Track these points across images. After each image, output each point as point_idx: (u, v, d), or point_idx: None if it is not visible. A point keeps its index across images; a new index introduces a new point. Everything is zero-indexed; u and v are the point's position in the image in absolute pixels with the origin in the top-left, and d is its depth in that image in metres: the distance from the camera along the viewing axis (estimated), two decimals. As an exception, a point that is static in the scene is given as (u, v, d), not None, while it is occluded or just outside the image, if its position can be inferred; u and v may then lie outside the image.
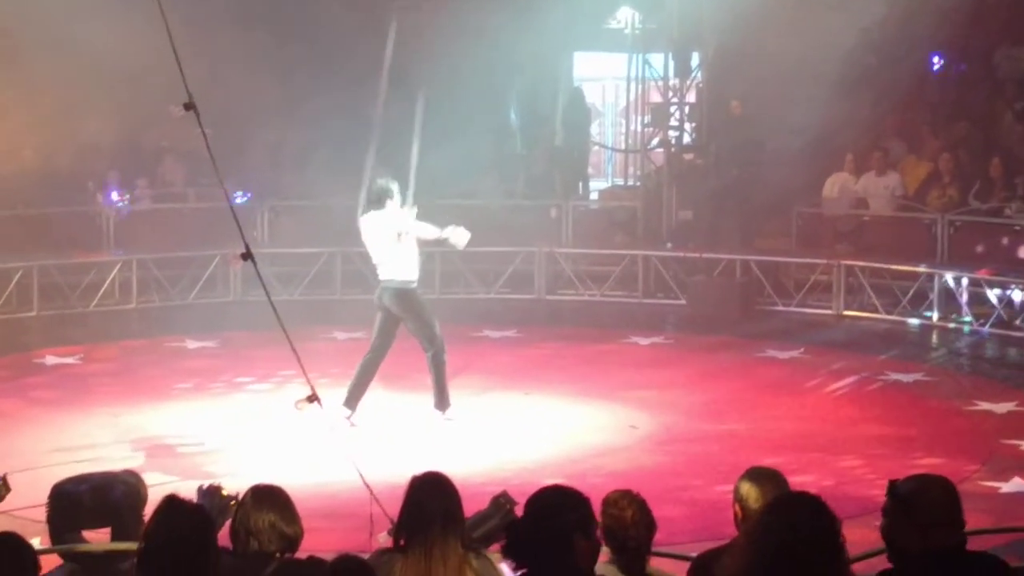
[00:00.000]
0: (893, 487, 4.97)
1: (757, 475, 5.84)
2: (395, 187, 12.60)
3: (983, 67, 20.28)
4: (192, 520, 4.78)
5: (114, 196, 19.04)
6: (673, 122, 19.95)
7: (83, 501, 5.54)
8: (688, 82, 19.97)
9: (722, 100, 20.06)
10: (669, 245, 19.27)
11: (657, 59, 19.96)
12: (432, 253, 19.00)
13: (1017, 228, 17.55)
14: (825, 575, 4.34)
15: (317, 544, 5.73)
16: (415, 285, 12.63)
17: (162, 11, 7.19)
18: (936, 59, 20.84)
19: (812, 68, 19.46)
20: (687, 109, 20.02)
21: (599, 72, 26.69)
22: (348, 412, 12.36)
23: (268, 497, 5.51)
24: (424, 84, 13.08)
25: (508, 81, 23.40)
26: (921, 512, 4.84)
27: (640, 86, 20.27)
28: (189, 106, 7.55)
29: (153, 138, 19.94)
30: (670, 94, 19.86)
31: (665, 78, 19.88)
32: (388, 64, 15.16)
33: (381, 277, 12.63)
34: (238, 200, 18.61)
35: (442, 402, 12.64)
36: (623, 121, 25.48)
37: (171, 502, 4.78)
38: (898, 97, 20.36)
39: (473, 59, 20.18)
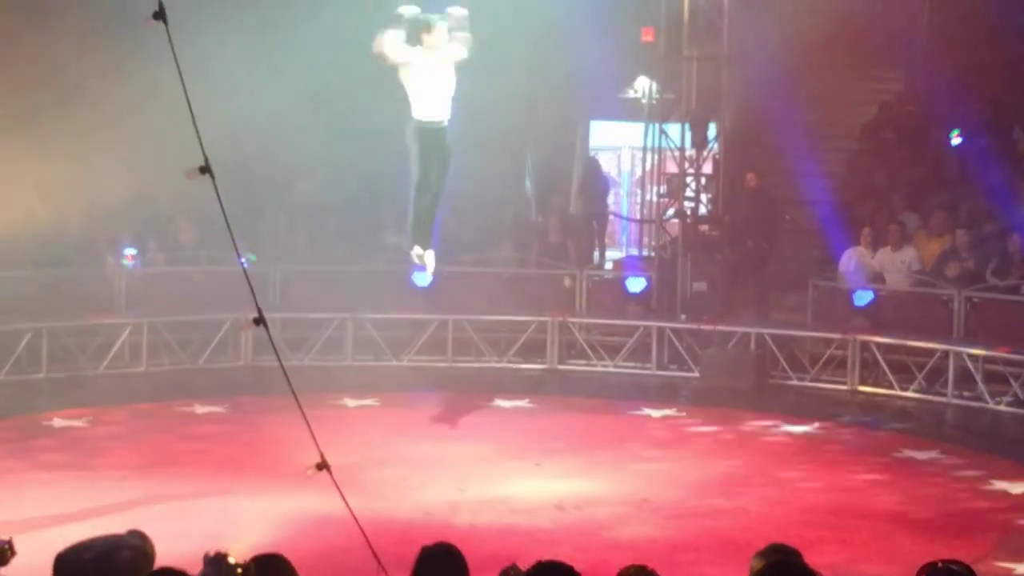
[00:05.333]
0: None
1: (774, 553, 5.72)
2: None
3: (1003, 143, 20.24)
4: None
5: (126, 258, 18.98)
6: (689, 193, 19.90)
7: (87, 571, 5.41)
8: (704, 153, 19.93)
9: (738, 172, 20.03)
10: (683, 316, 19.17)
11: (674, 129, 19.94)
12: (445, 321, 18.97)
13: (1035, 305, 17.45)
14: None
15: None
16: (417, 123, 12.54)
17: (180, 74, 7.13)
18: (955, 134, 20.82)
19: (830, 141, 19.46)
20: (703, 180, 19.98)
21: (615, 141, 26.72)
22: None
23: (272, 567, 5.40)
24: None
25: (524, 149, 23.45)
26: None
27: (656, 156, 20.24)
28: (204, 169, 7.48)
29: (167, 200, 19.92)
30: (686, 164, 19.83)
31: (681, 148, 19.85)
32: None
33: None
34: (248, 263, 18.57)
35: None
36: (639, 191, 25.46)
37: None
38: (916, 171, 20.33)
39: (490, 126, 20.19)
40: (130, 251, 18.99)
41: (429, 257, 13.01)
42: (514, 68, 22.64)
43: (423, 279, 19.28)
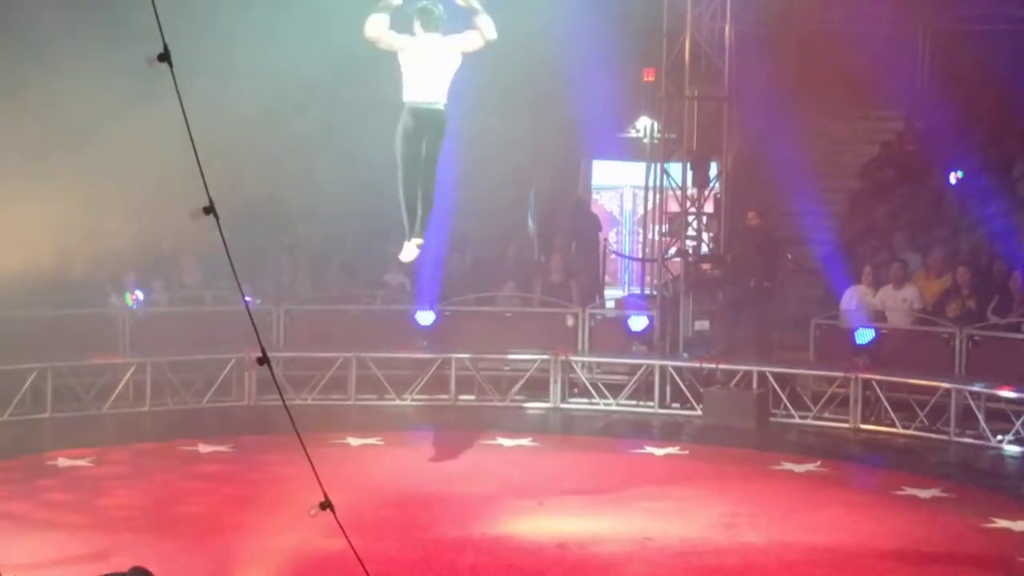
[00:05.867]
0: None
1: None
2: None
3: (1003, 181, 20.32)
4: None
5: (129, 297, 19.04)
6: (691, 231, 19.96)
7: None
8: (706, 192, 20.00)
9: (740, 211, 20.09)
10: (685, 355, 19.21)
11: (675, 168, 20.01)
12: (448, 360, 19.02)
13: (1036, 343, 17.49)
14: None
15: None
16: (407, 106, 11.98)
17: (184, 115, 7.19)
18: (955, 173, 20.90)
19: (831, 181, 19.53)
20: (705, 219, 20.04)
21: (617, 180, 26.80)
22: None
23: None
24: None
25: (526, 187, 23.53)
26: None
27: (658, 195, 20.31)
28: (209, 210, 7.53)
29: (171, 239, 19.99)
30: (688, 203, 19.89)
31: (683, 187, 19.91)
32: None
33: None
34: (252, 303, 18.64)
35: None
36: (640, 230, 25.52)
37: None
38: (916, 210, 20.40)
39: (492, 164, 20.29)
40: (135, 291, 19.04)
41: (409, 247, 12.46)
42: (517, 107, 22.77)
43: (426, 318, 19.36)
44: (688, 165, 19.87)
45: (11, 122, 17.11)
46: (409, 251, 12.24)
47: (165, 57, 7.07)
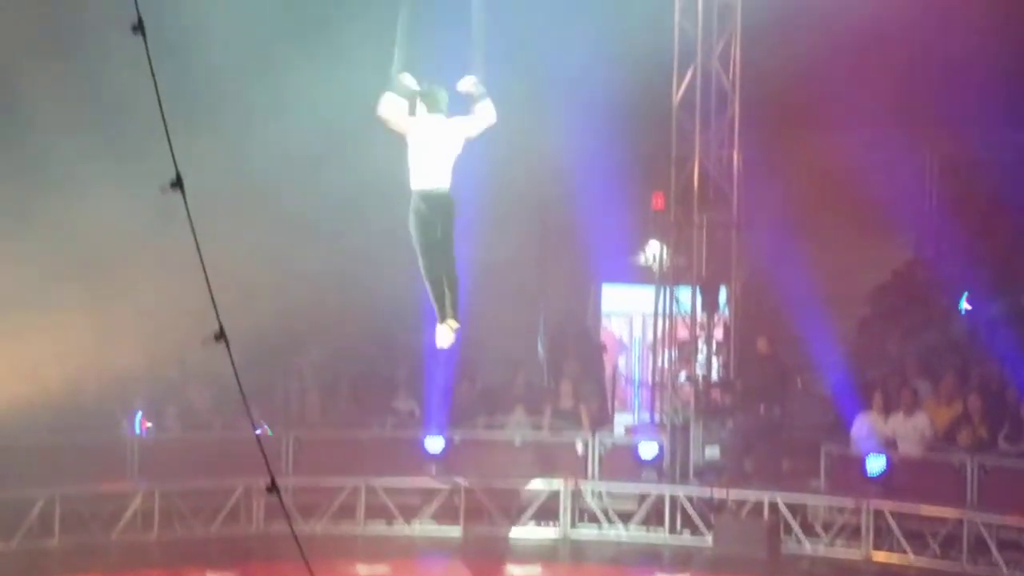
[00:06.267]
0: None
1: None
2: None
3: (1013, 308, 20.31)
4: None
5: (138, 424, 19.01)
6: (700, 358, 19.92)
7: None
8: (716, 318, 20.00)
9: (750, 337, 20.07)
10: (696, 482, 19.09)
11: (685, 294, 20.03)
12: (457, 488, 18.91)
13: (1049, 473, 17.37)
14: None
15: None
16: (415, 194, 11.61)
17: (196, 241, 7.21)
18: (965, 300, 20.90)
19: (841, 307, 19.52)
20: (714, 345, 20.01)
21: (627, 305, 26.80)
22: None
23: None
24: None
25: (536, 312, 23.54)
26: None
27: (668, 320, 20.31)
28: (219, 336, 7.52)
29: (181, 365, 19.98)
30: (697, 329, 19.88)
31: (693, 313, 19.91)
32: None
33: None
34: (262, 430, 18.59)
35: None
36: (650, 355, 25.47)
37: None
38: (926, 337, 20.37)
39: (501, 289, 20.34)
40: (144, 418, 19.01)
41: (444, 330, 12.37)
42: (526, 232, 22.85)
43: (435, 444, 19.28)
44: (697, 291, 19.89)
45: (24, 249, 17.20)
46: (444, 335, 12.10)
47: (177, 184, 7.11)
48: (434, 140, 11.67)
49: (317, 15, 19.48)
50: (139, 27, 6.88)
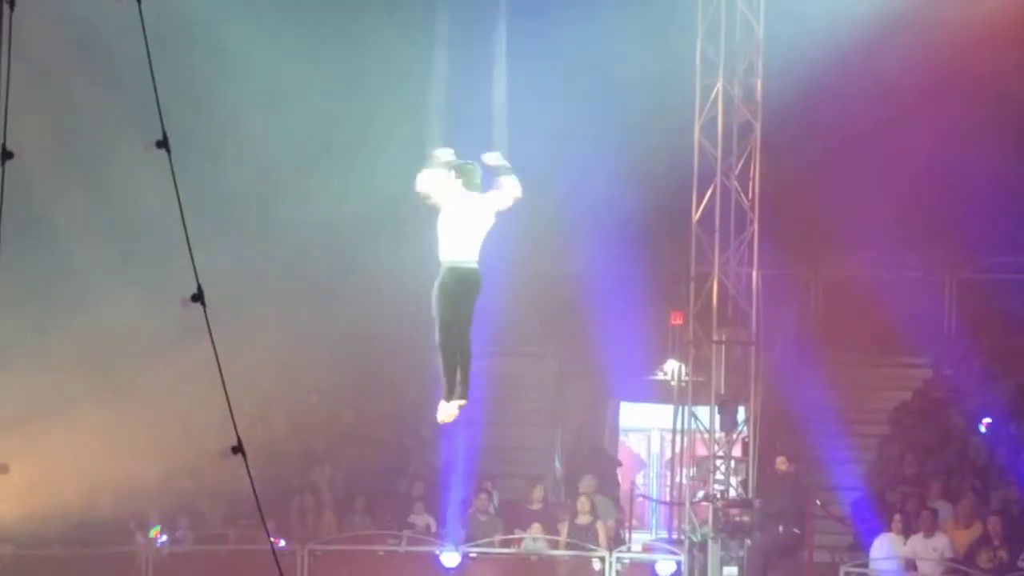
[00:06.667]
0: None
1: None
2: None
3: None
4: None
5: (153, 536, 18.95)
6: (719, 476, 19.83)
7: None
8: (734, 436, 19.94)
9: (769, 456, 19.99)
10: (715, 603, 18.94)
11: (703, 411, 19.98)
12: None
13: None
14: None
15: None
16: (443, 266, 11.59)
17: (216, 354, 7.25)
18: (984, 421, 20.83)
19: (859, 427, 19.49)
20: (733, 463, 19.93)
21: (645, 422, 26.74)
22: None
23: None
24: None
25: (554, 428, 23.51)
26: None
27: (686, 438, 20.24)
28: (237, 449, 7.53)
29: (197, 478, 19.95)
30: (716, 447, 19.81)
31: (711, 431, 19.86)
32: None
33: None
34: (277, 544, 18.51)
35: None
36: (668, 473, 25.36)
37: None
38: (945, 458, 20.29)
39: (520, 405, 20.35)
40: (158, 530, 18.96)
41: (449, 408, 12.24)
42: (545, 348, 22.89)
43: (451, 559, 19.17)
44: (716, 409, 19.84)
45: (44, 362, 17.27)
46: (447, 411, 11.96)
47: (198, 298, 7.18)
48: (468, 216, 11.66)
49: (331, 140, 19.71)
50: (164, 143, 6.98)
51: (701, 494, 20.03)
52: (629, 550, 21.28)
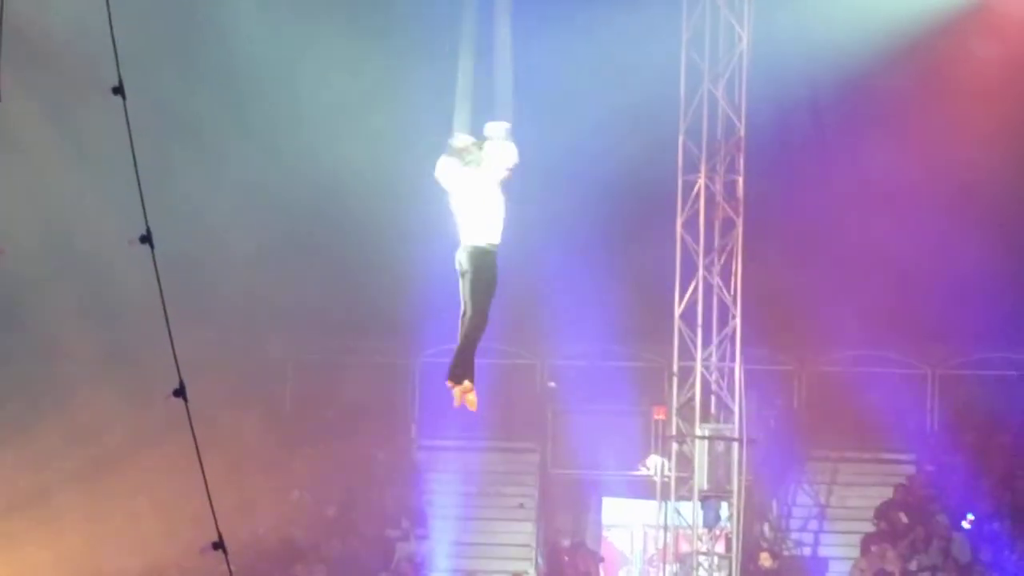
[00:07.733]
0: None
1: None
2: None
3: (1016, 526, 20.19)
4: None
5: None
6: (702, 572, 19.74)
7: None
8: (717, 532, 19.88)
9: (752, 551, 19.92)
10: None
11: (686, 507, 19.93)
12: None
13: None
14: None
15: None
16: (462, 247, 11.32)
17: (197, 449, 7.24)
18: (967, 517, 20.81)
19: (842, 524, 19.44)
20: (715, 559, 19.85)
21: (628, 518, 26.63)
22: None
23: None
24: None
25: (535, 526, 23.43)
26: None
27: (669, 534, 20.16)
28: (218, 545, 7.50)
29: (177, 572, 19.82)
30: (699, 543, 19.73)
31: (694, 527, 19.79)
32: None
33: None
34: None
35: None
36: (651, 569, 25.23)
37: None
38: (928, 554, 20.24)
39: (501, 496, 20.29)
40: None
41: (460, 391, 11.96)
42: (526, 442, 22.86)
43: None
44: (699, 504, 19.79)
45: (25, 457, 17.24)
46: (457, 397, 11.72)
47: (180, 393, 7.17)
48: (472, 194, 11.50)
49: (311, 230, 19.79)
50: (147, 238, 7.01)
51: (685, 591, 19.95)
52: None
